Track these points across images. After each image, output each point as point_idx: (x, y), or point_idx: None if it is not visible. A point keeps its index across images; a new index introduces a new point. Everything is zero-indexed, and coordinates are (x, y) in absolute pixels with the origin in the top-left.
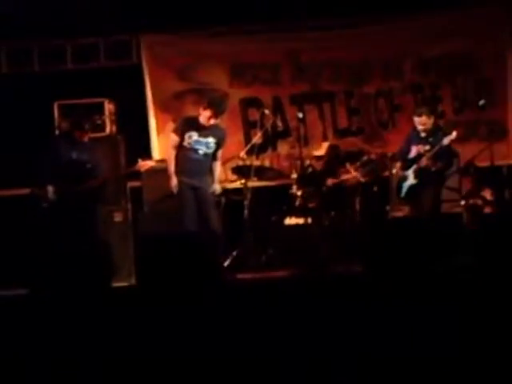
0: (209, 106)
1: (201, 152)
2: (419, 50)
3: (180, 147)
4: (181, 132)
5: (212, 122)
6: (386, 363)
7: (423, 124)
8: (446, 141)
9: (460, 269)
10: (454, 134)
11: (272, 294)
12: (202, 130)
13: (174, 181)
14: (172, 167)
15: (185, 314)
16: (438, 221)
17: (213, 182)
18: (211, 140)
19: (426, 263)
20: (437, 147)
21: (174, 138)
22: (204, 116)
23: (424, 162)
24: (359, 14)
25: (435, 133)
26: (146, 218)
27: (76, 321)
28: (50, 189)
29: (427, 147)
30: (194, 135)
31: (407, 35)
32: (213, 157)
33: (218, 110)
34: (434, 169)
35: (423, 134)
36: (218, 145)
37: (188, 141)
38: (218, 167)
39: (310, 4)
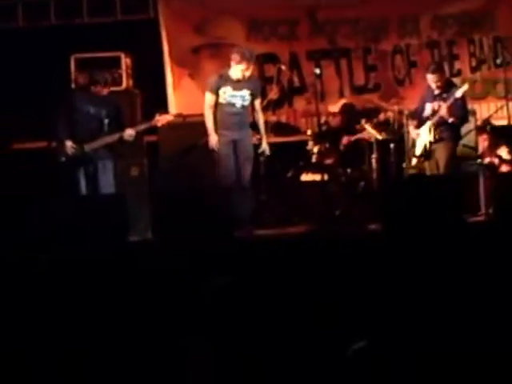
0: (242, 59)
1: (238, 105)
2: (436, 6)
3: (217, 104)
4: (215, 89)
5: (247, 74)
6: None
7: (436, 81)
8: (458, 93)
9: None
10: (466, 85)
11: (288, 250)
12: (236, 84)
13: (214, 138)
14: (211, 125)
15: (199, 269)
16: (453, 178)
17: (261, 138)
18: (246, 92)
19: (440, 220)
20: (451, 99)
21: (210, 97)
22: (237, 69)
23: (440, 113)
24: None
25: (449, 89)
26: (162, 172)
27: (92, 275)
28: (68, 143)
29: (441, 103)
30: (229, 90)
31: None
32: (253, 108)
33: (250, 62)
34: (450, 120)
35: (437, 91)
36: (254, 95)
37: (223, 96)
38: (261, 120)
39: None
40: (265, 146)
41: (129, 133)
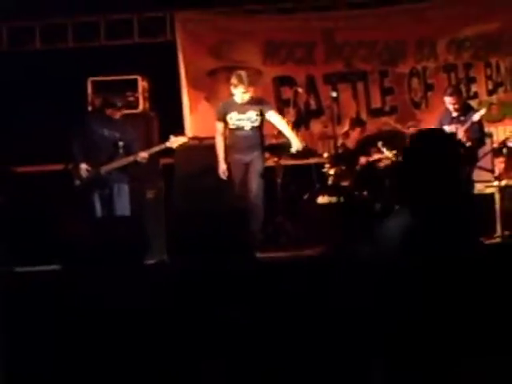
0: (239, 82)
1: (247, 128)
2: (453, 29)
3: (228, 130)
4: (222, 117)
5: (246, 96)
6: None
7: (454, 103)
8: (476, 117)
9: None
10: (484, 110)
11: (302, 272)
12: (241, 107)
13: (222, 167)
14: (220, 153)
15: (215, 290)
16: (469, 200)
17: (292, 139)
18: (252, 114)
19: (456, 243)
20: (468, 123)
21: (218, 125)
22: (237, 93)
23: (458, 136)
24: None
25: (466, 112)
26: (178, 194)
27: (108, 297)
28: (83, 166)
29: (459, 126)
30: (235, 115)
31: (442, 14)
32: (274, 122)
33: (248, 84)
34: (468, 144)
35: (455, 114)
36: (262, 113)
37: (231, 122)
38: (283, 125)
39: None
40: (295, 144)
41: (142, 155)
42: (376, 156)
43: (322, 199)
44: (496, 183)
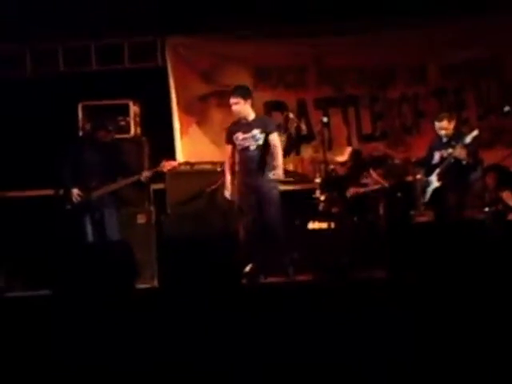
0: (234, 93)
1: (252, 147)
2: (443, 54)
3: (236, 152)
4: (229, 138)
5: (237, 108)
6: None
7: (444, 129)
8: (468, 139)
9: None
10: (476, 131)
11: (294, 298)
12: (246, 127)
13: (227, 193)
14: (226, 177)
15: (206, 317)
16: (461, 227)
17: (274, 168)
18: (256, 131)
19: (449, 269)
20: (459, 146)
21: (227, 148)
22: (236, 108)
23: (454, 154)
24: (383, 19)
25: (457, 137)
26: (169, 220)
27: (98, 323)
28: (75, 191)
29: (450, 150)
30: (240, 134)
31: (431, 40)
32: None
33: (238, 95)
34: (465, 162)
35: (445, 139)
36: (266, 133)
37: (237, 142)
38: (277, 151)
39: (334, 8)
40: (275, 171)
41: (145, 174)
42: (367, 181)
43: (312, 225)
44: (487, 209)
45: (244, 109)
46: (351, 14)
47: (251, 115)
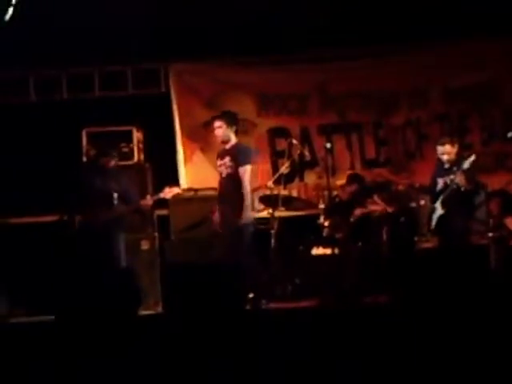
0: (218, 117)
1: (223, 174)
2: (445, 79)
3: None
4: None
5: (218, 132)
6: None
7: (447, 153)
8: (466, 164)
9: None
10: (473, 156)
11: (298, 324)
12: (222, 153)
13: (215, 219)
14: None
15: (210, 343)
16: (465, 252)
17: (245, 209)
18: (227, 159)
19: (453, 294)
20: (459, 172)
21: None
22: (217, 132)
23: (455, 180)
24: (384, 44)
25: (458, 162)
26: (172, 246)
27: (102, 349)
28: (77, 217)
29: (452, 177)
30: (218, 161)
31: (433, 65)
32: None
33: (220, 119)
34: (463, 188)
35: (447, 165)
36: (236, 162)
37: (217, 169)
38: (243, 188)
39: (335, 34)
40: (246, 214)
41: (146, 202)
42: (371, 207)
43: (316, 250)
44: (490, 234)
45: (225, 134)
46: (353, 41)
47: (231, 142)
